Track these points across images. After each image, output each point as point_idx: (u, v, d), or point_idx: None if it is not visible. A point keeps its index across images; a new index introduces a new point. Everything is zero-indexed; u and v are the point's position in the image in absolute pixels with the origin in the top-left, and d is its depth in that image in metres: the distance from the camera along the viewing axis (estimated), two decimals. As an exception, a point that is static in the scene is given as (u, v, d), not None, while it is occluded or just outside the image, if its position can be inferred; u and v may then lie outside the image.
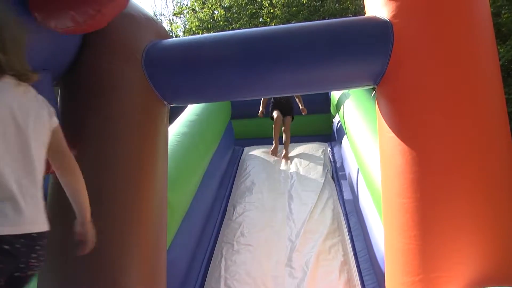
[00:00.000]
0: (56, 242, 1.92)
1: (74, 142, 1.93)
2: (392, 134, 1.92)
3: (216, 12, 14.74)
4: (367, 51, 1.97)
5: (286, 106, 5.67)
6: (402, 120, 1.90)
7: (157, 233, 2.10)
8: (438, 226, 1.75)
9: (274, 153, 5.51)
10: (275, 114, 5.61)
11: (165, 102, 2.20)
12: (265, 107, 5.89)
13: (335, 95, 5.63)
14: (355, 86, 2.24)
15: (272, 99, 5.75)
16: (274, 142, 5.55)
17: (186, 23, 16.67)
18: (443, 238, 1.73)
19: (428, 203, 1.78)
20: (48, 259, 1.91)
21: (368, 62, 1.99)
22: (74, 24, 1.51)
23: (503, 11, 7.58)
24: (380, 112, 2.05)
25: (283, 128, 5.60)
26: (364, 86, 2.17)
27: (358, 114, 4.19)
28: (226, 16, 14.13)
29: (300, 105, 5.77)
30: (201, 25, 14.28)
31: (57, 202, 1.98)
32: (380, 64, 1.96)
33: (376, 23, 1.97)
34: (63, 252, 1.89)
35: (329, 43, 1.98)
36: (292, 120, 5.71)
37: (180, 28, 17.57)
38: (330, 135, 6.35)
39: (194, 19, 14.82)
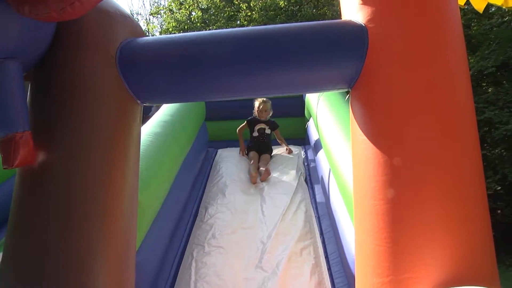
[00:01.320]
0: (19, 246, 1.87)
1: (43, 140, 1.88)
2: (365, 137, 1.94)
3: (193, 13, 14.69)
4: (342, 55, 1.99)
5: (263, 146, 5.66)
6: (375, 123, 1.93)
7: (127, 235, 2.06)
8: (409, 228, 1.77)
9: (254, 181, 5.04)
10: (251, 154, 5.53)
11: (138, 101, 2.16)
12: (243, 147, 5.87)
13: (309, 99, 5.67)
14: (330, 89, 2.25)
15: (249, 141, 5.74)
16: (252, 174, 5.09)
17: (163, 23, 16.57)
18: (413, 240, 1.75)
19: (399, 205, 1.80)
20: (11, 262, 1.87)
21: (342, 66, 2.00)
22: (50, 11, 1.46)
23: (472, 24, 7.81)
24: (353, 115, 2.07)
25: (260, 167, 5.26)
26: (339, 89, 2.18)
27: (331, 117, 4.23)
28: (204, 17, 14.09)
29: (284, 145, 5.88)
30: (178, 25, 14.19)
31: (22, 205, 1.92)
32: (354, 68, 1.98)
33: (352, 27, 1.99)
34: (29, 255, 1.83)
35: (304, 46, 1.99)
36: (270, 158, 5.59)
37: (156, 28, 17.46)
38: (304, 139, 6.40)
39: (171, 19, 14.72)
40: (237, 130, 5.81)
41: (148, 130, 3.84)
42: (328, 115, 4.35)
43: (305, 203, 4.41)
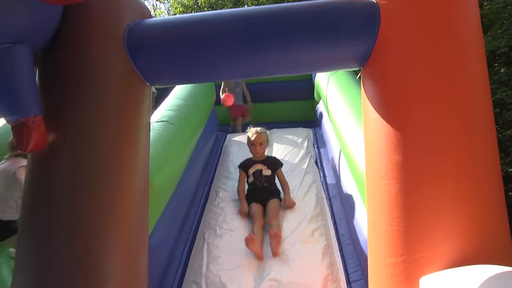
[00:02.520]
0: (32, 229, 1.89)
1: (52, 124, 1.89)
2: (377, 116, 1.92)
3: (200, -2, 14.54)
4: (353, 33, 1.95)
5: (264, 192, 4.10)
6: (387, 102, 1.90)
7: (139, 218, 2.07)
8: (422, 207, 1.75)
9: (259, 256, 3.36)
10: (252, 209, 3.91)
11: (147, 83, 2.15)
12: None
13: (319, 80, 5.62)
14: (341, 68, 2.22)
15: (246, 191, 4.22)
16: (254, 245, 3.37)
17: (169, 9, 16.45)
18: (427, 219, 1.74)
19: (412, 184, 1.78)
20: (23, 245, 1.90)
21: (354, 44, 1.97)
22: None
23: (484, 3, 7.65)
24: (365, 94, 2.05)
25: (269, 219, 3.75)
26: (350, 67, 2.15)
27: (341, 98, 4.19)
28: (210, 2, 13.94)
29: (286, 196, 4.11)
30: (185, 11, 14.07)
31: (33, 190, 1.94)
32: (366, 46, 1.95)
33: (363, 4, 1.95)
34: (40, 238, 1.85)
35: (314, 24, 1.95)
36: (280, 205, 3.99)
37: (163, 14, 17.36)
38: (314, 121, 6.37)
39: (178, 4, 14.59)
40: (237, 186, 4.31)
41: (161, 114, 3.84)
42: (338, 96, 4.31)
43: (316, 185, 4.41)
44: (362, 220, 2.94)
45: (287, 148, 5.32)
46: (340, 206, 3.91)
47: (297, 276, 3.07)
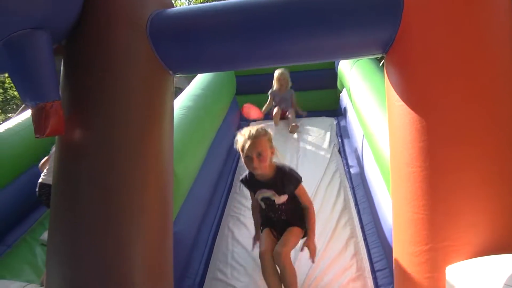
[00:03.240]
0: (61, 219, 1.94)
1: (77, 113, 1.92)
2: (402, 103, 1.88)
3: (221, -12, 14.51)
4: (376, 18, 1.91)
5: (281, 223, 2.97)
6: (412, 89, 1.86)
7: (164, 205, 2.10)
8: (448, 195, 1.73)
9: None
10: (263, 235, 3.00)
11: (170, 72, 2.17)
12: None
13: (341, 69, 5.56)
14: (363, 55, 2.18)
15: (260, 215, 3.12)
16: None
17: (190, 0, 16.49)
18: (452, 206, 1.71)
19: (438, 172, 1.75)
20: (54, 236, 1.95)
21: (377, 30, 1.93)
22: None
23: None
24: (389, 81, 2.01)
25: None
26: (373, 54, 2.11)
27: (364, 86, 4.15)
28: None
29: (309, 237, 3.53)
30: (205, 1, 14.06)
31: (61, 180, 1.98)
32: (389, 32, 1.91)
33: (386, -12, 1.91)
34: (69, 228, 1.90)
35: (336, 10, 1.92)
36: (304, 236, 2.98)
37: (184, 5, 17.41)
38: (337, 110, 6.32)
39: (198, -5, 14.61)
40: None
41: (181, 103, 3.87)
42: (361, 84, 4.27)
43: (339, 174, 4.39)
44: (386, 209, 2.91)
45: (310, 137, 5.30)
46: (363, 195, 3.88)
47: (321, 266, 3.07)
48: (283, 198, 2.82)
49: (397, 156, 1.97)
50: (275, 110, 5.82)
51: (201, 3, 13.82)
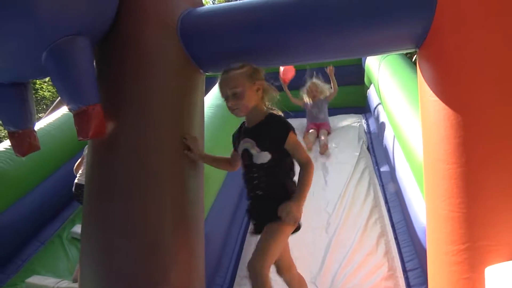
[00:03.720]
0: (95, 216, 1.97)
1: (111, 113, 1.95)
2: (436, 98, 1.83)
3: (246, -14, 14.52)
4: (409, 12, 1.87)
5: (261, 200, 2.16)
6: (447, 84, 1.81)
7: (195, 204, 2.11)
8: (485, 192, 1.67)
9: None
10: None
11: (201, 70, 2.18)
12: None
13: (369, 65, 5.48)
14: (396, 50, 2.14)
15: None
16: None
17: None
18: (491, 204, 1.65)
19: (474, 168, 1.70)
20: (88, 231, 1.98)
21: (409, 23, 1.89)
22: None
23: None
24: (422, 76, 1.96)
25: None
26: (405, 49, 2.07)
27: (394, 82, 4.08)
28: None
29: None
30: (230, 1, 14.12)
31: (95, 178, 2.01)
32: (422, 25, 1.86)
33: (419, -18, 1.87)
34: (102, 225, 1.93)
35: (367, 4, 1.89)
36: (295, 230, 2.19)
37: (208, 4, 17.50)
38: (365, 107, 6.24)
39: (222, -6, 14.66)
40: None
41: (209, 102, 3.88)
42: (391, 80, 4.19)
43: (369, 171, 4.33)
44: (418, 206, 2.85)
45: (338, 135, 5.25)
46: (394, 193, 3.82)
47: (352, 265, 3.03)
48: (264, 156, 2.04)
49: (431, 153, 1.92)
50: (309, 131, 5.42)
51: (225, 1, 13.86)
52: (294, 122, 2.63)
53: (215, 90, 4.42)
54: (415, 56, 2.07)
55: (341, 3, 1.91)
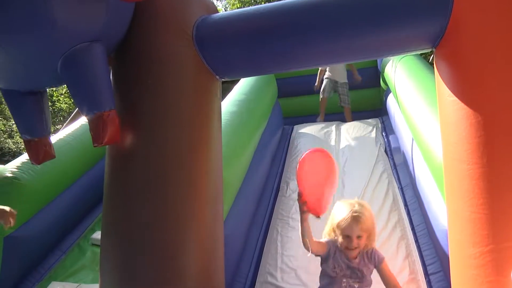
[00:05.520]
0: (113, 223, 1.99)
1: (128, 120, 1.96)
2: (454, 98, 1.81)
3: (257, -7, 14.60)
4: (425, 12, 1.85)
5: None
6: (465, 83, 1.79)
7: (214, 208, 2.11)
8: (508, 192, 1.64)
9: None
10: None
11: (217, 77, 2.19)
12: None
13: (385, 67, 5.45)
14: (412, 50, 2.11)
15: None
16: None
17: (227, 5, 16.66)
18: (514, 204, 1.62)
19: (496, 168, 1.67)
20: (106, 239, 2.00)
21: (425, 23, 1.87)
22: None
23: None
24: (440, 76, 1.94)
25: None
26: (422, 49, 2.05)
27: (410, 83, 4.04)
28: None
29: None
30: (242, 6, 14.18)
31: (112, 185, 2.03)
32: (439, 24, 1.84)
33: (435, -19, 1.85)
34: (120, 232, 1.95)
35: (382, 5, 1.88)
36: None
37: (221, 11, 17.61)
38: (381, 109, 6.20)
39: (235, 1, 14.73)
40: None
41: (224, 109, 3.90)
42: (407, 81, 4.16)
43: (387, 175, 4.29)
44: (439, 208, 2.80)
45: (355, 137, 5.22)
46: (413, 195, 3.77)
47: (373, 269, 3.00)
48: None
49: (451, 153, 1.90)
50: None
51: (238, 7, 13.94)
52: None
53: (231, 96, 4.45)
54: (431, 56, 2.05)
55: (357, 6, 1.90)
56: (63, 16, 1.58)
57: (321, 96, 6.05)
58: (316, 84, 6.32)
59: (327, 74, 6.03)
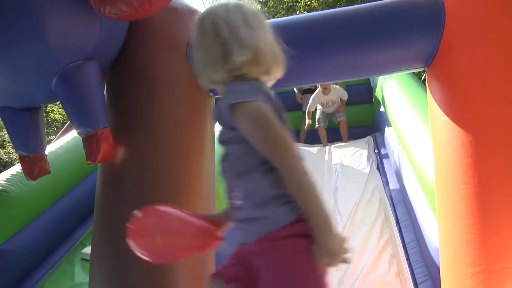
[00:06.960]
0: (104, 236, 1.96)
1: (120, 135, 1.96)
2: (446, 118, 1.82)
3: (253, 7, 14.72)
4: (417, 32, 1.87)
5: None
6: (457, 103, 1.80)
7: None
8: (500, 213, 1.65)
9: None
10: None
11: (211, 94, 2.19)
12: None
13: (377, 83, 5.49)
14: (404, 70, 2.13)
15: None
16: None
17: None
18: (506, 225, 1.62)
19: (487, 188, 1.68)
20: (97, 250, 1.98)
21: (418, 43, 1.89)
22: (130, 8, 1.50)
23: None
24: (432, 96, 1.96)
25: None
26: (414, 69, 2.07)
27: (402, 100, 4.07)
28: (263, 10, 14.08)
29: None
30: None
31: (104, 199, 2.01)
32: (431, 45, 1.87)
33: (426, 1, 1.88)
34: (111, 245, 1.93)
35: (378, 25, 1.90)
36: None
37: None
38: (373, 126, 6.22)
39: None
40: None
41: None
42: (399, 98, 4.18)
43: (379, 191, 4.28)
44: (430, 227, 2.80)
45: (347, 154, 5.23)
46: (405, 213, 3.77)
47: (365, 286, 2.98)
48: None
49: (443, 173, 1.90)
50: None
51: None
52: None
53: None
54: (424, 74, 2.07)
55: (350, 26, 1.92)
56: (58, 34, 1.59)
57: (317, 125, 6.01)
58: (296, 95, 6.58)
59: (319, 107, 6.06)
